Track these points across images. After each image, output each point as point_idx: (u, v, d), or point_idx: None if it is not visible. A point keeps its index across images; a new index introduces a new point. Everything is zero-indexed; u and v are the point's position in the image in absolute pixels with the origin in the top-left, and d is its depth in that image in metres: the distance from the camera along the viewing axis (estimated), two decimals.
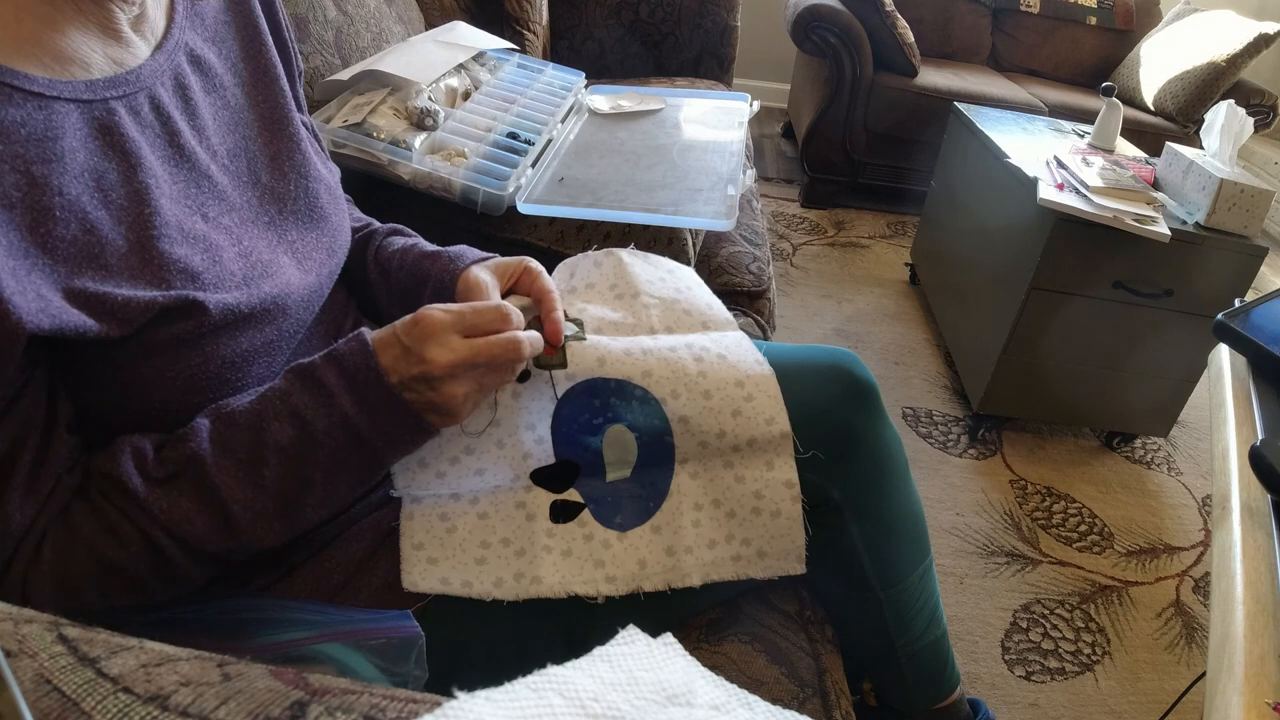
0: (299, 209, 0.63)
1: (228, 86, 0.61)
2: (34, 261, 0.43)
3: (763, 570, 0.65)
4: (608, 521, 0.63)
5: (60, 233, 0.45)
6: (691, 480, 0.65)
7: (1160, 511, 1.65)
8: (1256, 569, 0.50)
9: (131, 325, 0.47)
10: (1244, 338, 0.69)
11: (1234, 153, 1.52)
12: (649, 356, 0.64)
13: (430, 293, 0.69)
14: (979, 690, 1.22)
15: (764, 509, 0.64)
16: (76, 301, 0.45)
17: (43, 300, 0.43)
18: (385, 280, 0.73)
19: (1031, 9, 3.02)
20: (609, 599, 0.62)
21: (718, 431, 0.64)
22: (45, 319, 0.43)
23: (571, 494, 0.63)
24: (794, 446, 0.65)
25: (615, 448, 0.64)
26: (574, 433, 0.63)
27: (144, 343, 0.48)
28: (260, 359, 0.56)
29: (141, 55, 0.53)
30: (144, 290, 0.48)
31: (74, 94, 0.47)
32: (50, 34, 0.46)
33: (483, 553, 0.61)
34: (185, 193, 0.53)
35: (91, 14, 0.49)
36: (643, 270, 0.76)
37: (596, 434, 0.63)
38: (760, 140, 3.34)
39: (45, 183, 0.44)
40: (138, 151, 0.50)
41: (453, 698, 0.26)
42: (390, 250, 0.74)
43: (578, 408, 0.63)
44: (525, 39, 1.65)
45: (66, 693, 0.25)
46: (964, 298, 1.91)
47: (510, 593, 0.60)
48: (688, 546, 0.63)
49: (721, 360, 0.66)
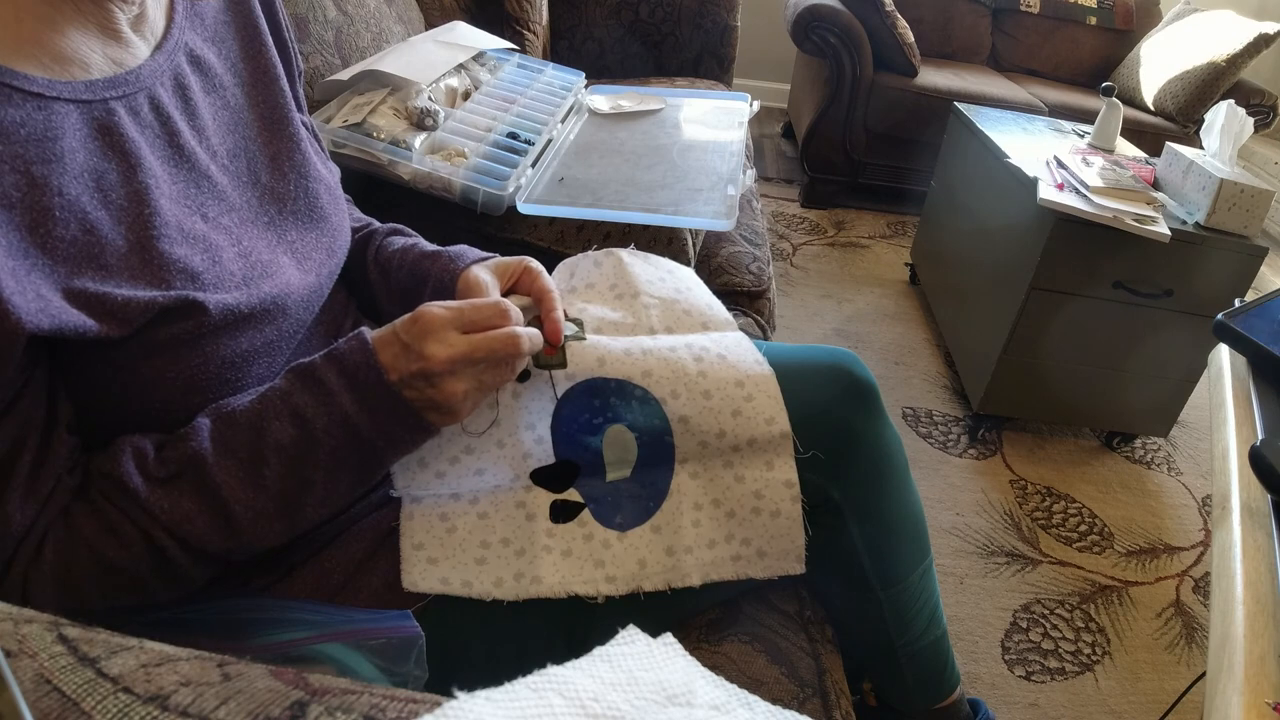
0: (299, 209, 0.63)
1: (228, 86, 0.61)
2: (34, 262, 0.43)
3: (762, 570, 0.65)
4: (608, 521, 0.63)
5: (60, 233, 0.45)
6: (691, 480, 0.65)
7: (1160, 511, 1.65)
8: (1256, 569, 0.50)
9: (131, 325, 0.47)
10: (1244, 338, 0.69)
11: (1234, 153, 1.52)
12: (649, 356, 0.65)
13: (430, 292, 0.69)
14: (979, 690, 1.22)
15: (764, 509, 0.64)
16: (76, 302, 0.45)
17: (42, 300, 0.43)
18: (385, 280, 0.73)
19: (1031, 9, 3.02)
20: (609, 599, 0.62)
21: (717, 431, 0.64)
22: (45, 319, 0.43)
23: (571, 494, 0.63)
24: (794, 447, 0.65)
25: (615, 448, 0.64)
26: (574, 432, 0.63)
27: (144, 343, 0.48)
28: (260, 359, 0.56)
29: (141, 55, 0.53)
30: (144, 290, 0.48)
31: (74, 94, 0.47)
32: (50, 34, 0.46)
33: (483, 553, 0.61)
34: (185, 193, 0.54)
35: (91, 14, 0.49)
36: (643, 270, 0.76)
37: (596, 434, 0.63)
38: (760, 140, 3.34)
39: (45, 183, 0.44)
40: (137, 152, 0.50)
41: (453, 698, 0.26)
42: (390, 250, 0.74)
43: (578, 407, 0.63)
44: (525, 39, 1.65)
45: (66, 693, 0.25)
46: (964, 298, 1.91)
47: (510, 593, 0.60)
48: (687, 546, 0.63)
49: (721, 360, 0.66)
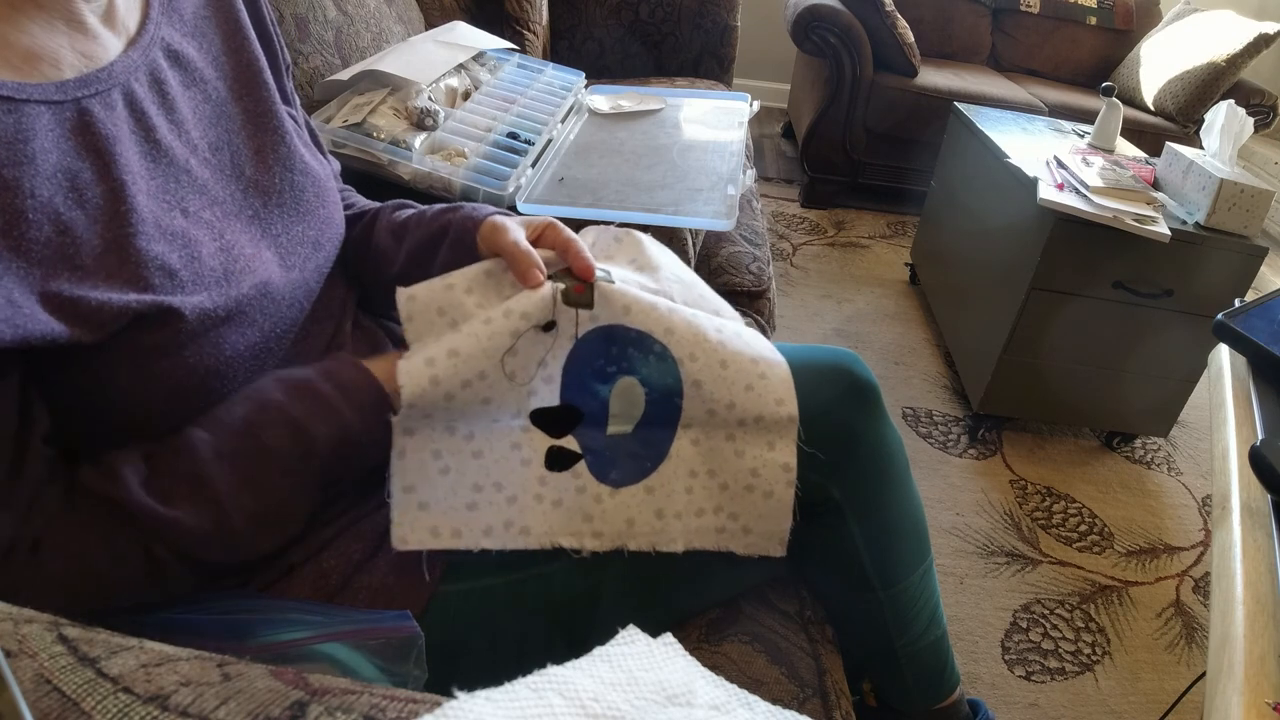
0: (284, 202, 0.62)
1: (209, 80, 0.60)
2: (5, 265, 0.43)
3: (744, 546, 0.65)
4: (602, 476, 0.62)
5: (34, 235, 0.44)
6: (692, 446, 0.64)
7: (1160, 511, 1.65)
8: (1256, 569, 0.50)
9: (104, 330, 0.46)
10: (1244, 338, 0.69)
11: (1234, 153, 1.52)
12: (674, 315, 0.64)
13: (450, 243, 0.68)
14: (979, 690, 1.22)
15: (758, 487, 0.64)
16: (50, 305, 0.44)
17: (11, 308, 0.42)
18: (397, 243, 0.71)
19: (1031, 9, 3.02)
20: (609, 600, 0.62)
21: (728, 402, 0.63)
22: (7, 329, 0.41)
23: (570, 442, 0.62)
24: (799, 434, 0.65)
25: (623, 400, 0.63)
26: (586, 377, 0.62)
27: (121, 352, 0.48)
28: (246, 363, 0.55)
29: (114, 50, 0.52)
30: (118, 294, 0.47)
31: (44, 96, 0.46)
32: (15, 34, 0.46)
33: (474, 497, 0.59)
34: (163, 188, 0.53)
35: (55, 10, 0.48)
36: (660, 254, 0.76)
37: (607, 382, 0.62)
38: (760, 140, 3.34)
39: (16, 185, 0.44)
40: (112, 149, 0.49)
41: (453, 698, 0.26)
42: (402, 217, 0.72)
43: (593, 352, 0.62)
44: (525, 39, 1.65)
45: (66, 693, 0.25)
46: (964, 298, 1.91)
47: (499, 542, 0.59)
48: (677, 512, 0.63)
49: (739, 338, 0.66)
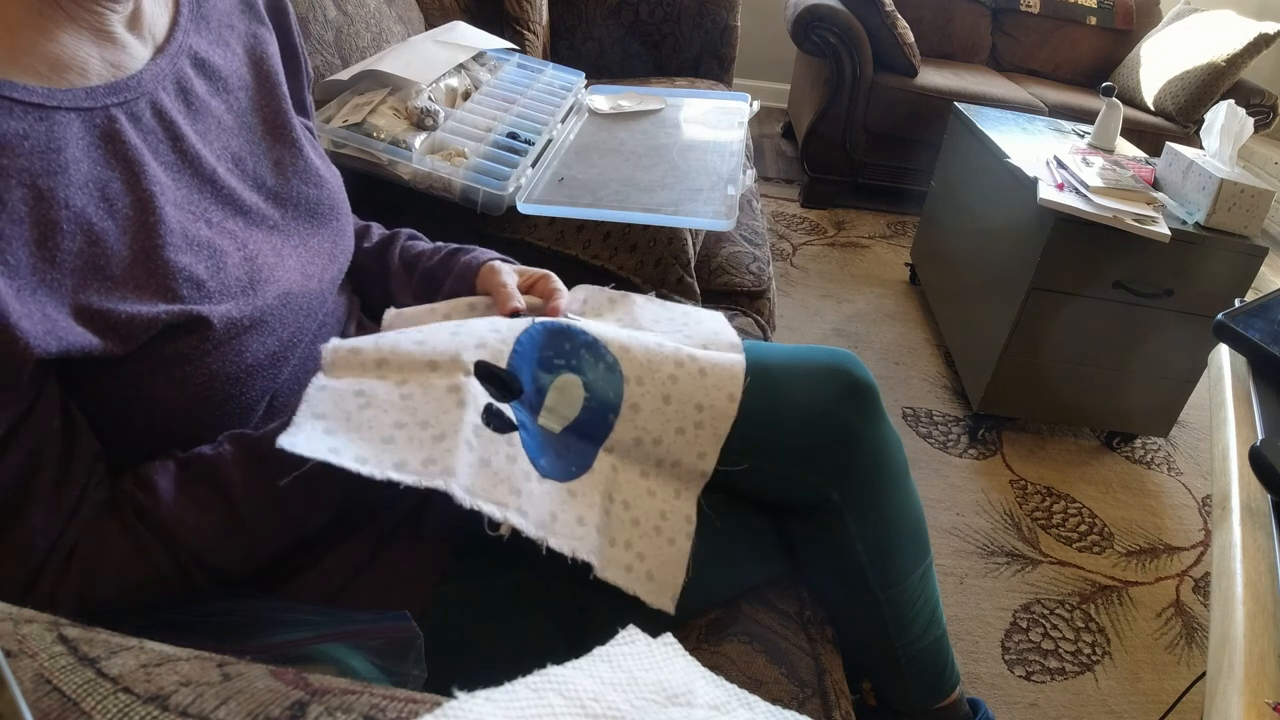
0: (301, 214, 0.63)
1: (233, 90, 0.60)
2: (41, 278, 0.43)
3: (645, 594, 0.61)
4: (533, 457, 0.59)
5: (67, 245, 0.44)
6: (611, 471, 0.64)
7: (1160, 511, 1.65)
8: (1256, 569, 0.50)
9: (135, 341, 0.47)
10: (1244, 338, 0.69)
11: (1234, 153, 1.51)
12: (633, 340, 0.66)
13: (451, 282, 0.74)
14: (979, 690, 1.22)
15: (664, 531, 0.63)
16: (81, 318, 0.45)
17: (49, 321, 0.43)
18: (409, 274, 0.77)
19: (1031, 9, 3.02)
20: (608, 600, 0.62)
21: (656, 437, 0.64)
22: (52, 341, 0.42)
23: (508, 410, 0.59)
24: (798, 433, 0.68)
25: (562, 396, 0.62)
26: (533, 360, 0.62)
27: (148, 359, 0.48)
28: (265, 370, 0.56)
29: (141, 58, 0.53)
30: (148, 305, 0.47)
31: (74, 102, 0.46)
32: (44, 43, 0.46)
33: (393, 433, 0.52)
34: (189, 199, 0.53)
35: (82, 19, 0.48)
36: (653, 312, 0.77)
37: (552, 373, 0.63)
38: (760, 140, 3.34)
39: (51, 195, 0.44)
40: (140, 159, 0.50)
41: (453, 698, 0.26)
42: (415, 250, 0.78)
43: (548, 342, 0.63)
44: (525, 39, 1.65)
45: (66, 693, 0.25)
46: (964, 298, 1.91)
47: (412, 476, 0.51)
48: (597, 525, 0.61)
49: (696, 378, 0.65)
